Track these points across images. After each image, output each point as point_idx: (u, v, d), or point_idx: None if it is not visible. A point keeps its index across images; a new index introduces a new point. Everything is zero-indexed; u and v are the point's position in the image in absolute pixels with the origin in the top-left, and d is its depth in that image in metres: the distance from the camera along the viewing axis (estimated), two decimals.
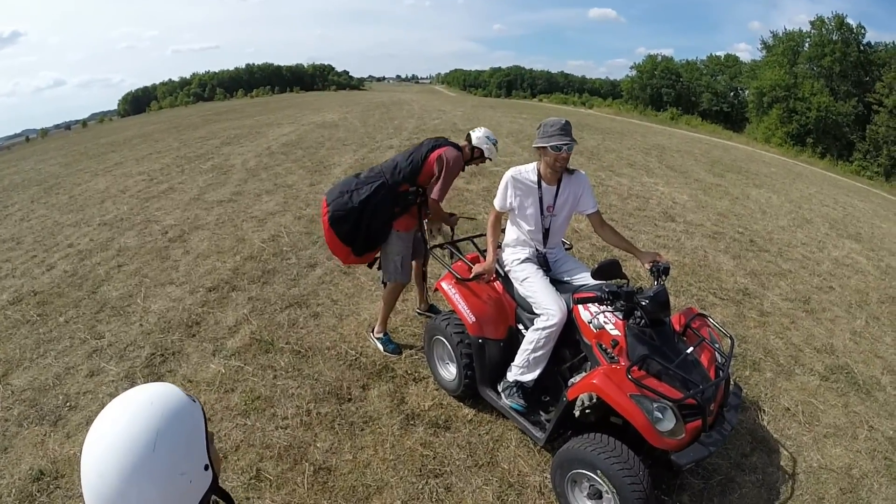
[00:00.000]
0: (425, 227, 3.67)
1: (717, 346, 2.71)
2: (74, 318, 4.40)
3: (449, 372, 3.38)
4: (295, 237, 5.98)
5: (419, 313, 4.30)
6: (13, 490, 2.69)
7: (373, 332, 3.91)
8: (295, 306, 4.47)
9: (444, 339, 3.27)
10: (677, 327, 2.73)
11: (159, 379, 3.54)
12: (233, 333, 4.06)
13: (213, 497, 0.97)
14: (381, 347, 3.82)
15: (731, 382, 2.78)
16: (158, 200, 7.80)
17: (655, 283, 2.65)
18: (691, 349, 2.50)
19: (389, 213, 3.38)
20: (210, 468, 0.93)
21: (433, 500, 2.70)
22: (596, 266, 2.59)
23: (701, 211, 8.20)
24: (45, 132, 48.30)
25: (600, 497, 2.42)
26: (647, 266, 2.76)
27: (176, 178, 9.29)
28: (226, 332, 4.09)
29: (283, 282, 4.92)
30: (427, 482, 2.79)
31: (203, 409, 0.96)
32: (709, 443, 2.32)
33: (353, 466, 2.88)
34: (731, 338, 2.79)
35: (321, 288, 4.82)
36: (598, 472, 2.29)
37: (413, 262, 3.87)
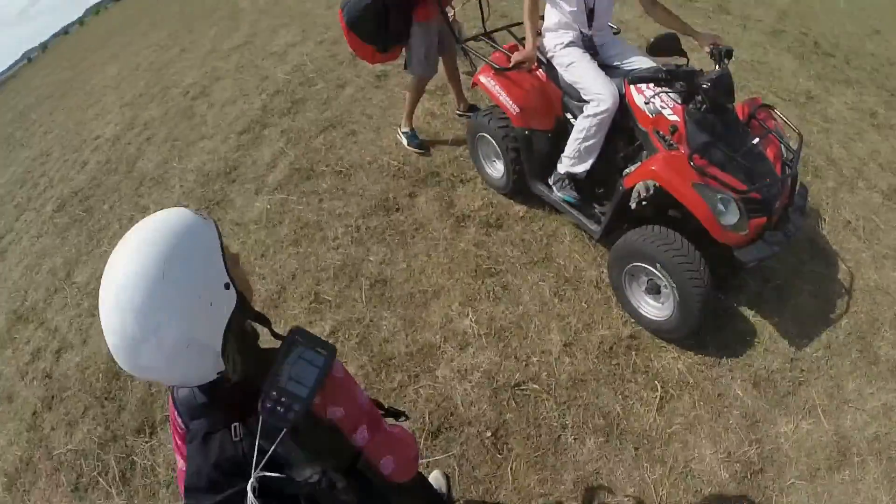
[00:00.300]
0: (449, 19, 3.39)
1: (783, 140, 2.43)
2: (118, 201, 4.41)
3: (496, 169, 3.27)
4: (319, 62, 5.64)
5: (459, 114, 4.12)
6: (100, 375, 2.87)
7: (399, 127, 3.85)
8: (330, 129, 4.33)
9: (488, 136, 3.10)
10: (741, 117, 2.47)
11: None
12: (271, 169, 4.00)
13: (249, 321, 0.91)
14: (405, 142, 3.80)
15: (798, 182, 2.53)
16: (173, 65, 7.46)
17: (717, 66, 2.32)
18: (757, 140, 2.25)
19: (406, 4, 3.14)
20: (232, 287, 0.83)
21: (490, 298, 2.74)
22: (651, 40, 2.30)
23: (759, 6, 7.20)
24: (45, 46, 46.81)
25: (658, 292, 2.39)
26: (707, 49, 2.40)
27: (185, 38, 8.82)
28: (264, 169, 4.03)
29: (315, 108, 4.73)
30: (483, 282, 2.81)
31: (217, 226, 0.85)
32: (773, 242, 2.18)
33: (408, 275, 2.92)
34: (799, 133, 2.47)
35: (354, 106, 4.62)
36: (658, 265, 2.21)
37: (442, 60, 3.64)
